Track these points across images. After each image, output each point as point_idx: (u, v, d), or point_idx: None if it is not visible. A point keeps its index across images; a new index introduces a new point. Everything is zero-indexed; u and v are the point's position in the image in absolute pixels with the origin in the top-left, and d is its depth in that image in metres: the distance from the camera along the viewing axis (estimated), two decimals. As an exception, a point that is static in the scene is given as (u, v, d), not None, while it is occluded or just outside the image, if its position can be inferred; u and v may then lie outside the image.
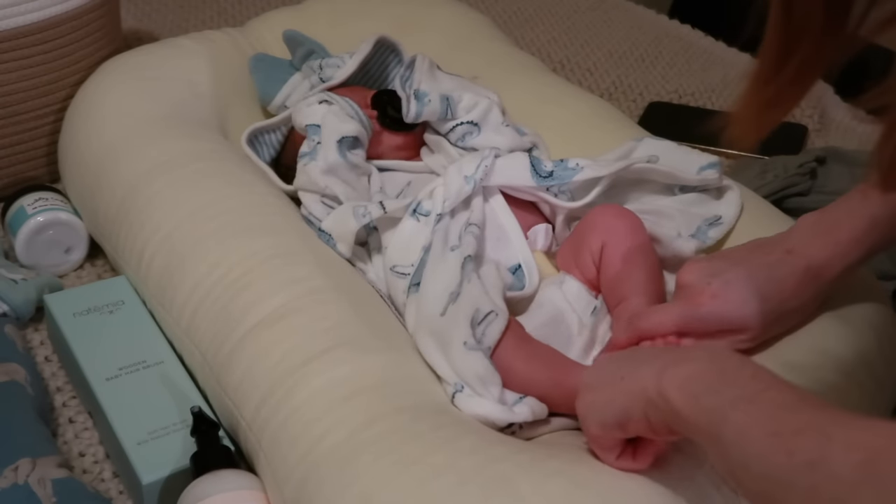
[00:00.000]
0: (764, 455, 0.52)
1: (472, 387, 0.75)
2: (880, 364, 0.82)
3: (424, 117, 0.99)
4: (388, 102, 1.01)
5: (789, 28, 0.52)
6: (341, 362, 0.76)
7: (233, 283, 0.84)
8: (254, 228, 0.89)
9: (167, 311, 0.89)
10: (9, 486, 0.73)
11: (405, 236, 0.87)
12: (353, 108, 0.96)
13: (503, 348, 0.77)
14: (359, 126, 0.94)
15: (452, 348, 0.76)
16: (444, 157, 0.99)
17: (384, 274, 0.88)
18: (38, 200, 1.04)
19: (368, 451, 0.69)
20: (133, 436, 0.80)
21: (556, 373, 0.76)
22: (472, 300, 0.78)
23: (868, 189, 0.77)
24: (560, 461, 0.68)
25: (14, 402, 0.83)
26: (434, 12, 1.24)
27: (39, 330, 0.98)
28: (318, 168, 0.92)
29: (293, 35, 1.11)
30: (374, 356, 0.77)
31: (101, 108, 1.05)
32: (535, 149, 1.01)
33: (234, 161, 0.99)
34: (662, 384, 0.60)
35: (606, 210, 0.86)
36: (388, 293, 0.87)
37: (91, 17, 1.13)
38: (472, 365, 0.75)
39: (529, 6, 1.62)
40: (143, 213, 0.94)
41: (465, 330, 0.76)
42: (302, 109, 0.97)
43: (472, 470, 0.67)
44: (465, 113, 1.00)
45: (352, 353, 0.77)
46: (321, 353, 0.77)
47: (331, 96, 0.97)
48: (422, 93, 0.99)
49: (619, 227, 0.84)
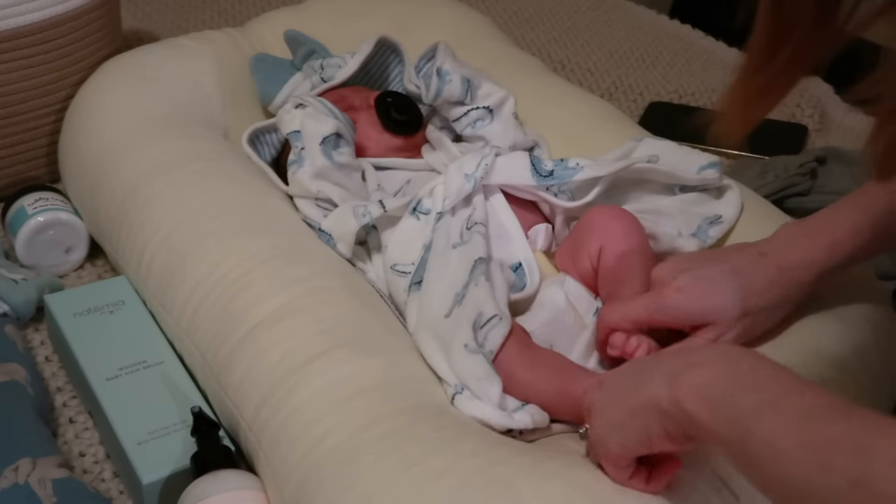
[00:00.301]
0: (798, 471, 0.50)
1: (472, 389, 0.75)
2: (877, 362, 0.82)
3: (444, 96, 0.99)
4: (392, 105, 1.01)
5: (779, 20, 0.51)
6: (342, 363, 0.76)
7: (233, 283, 0.84)
8: (254, 229, 0.89)
9: (167, 312, 0.89)
10: (9, 486, 0.73)
11: (406, 235, 0.87)
12: (327, 106, 0.95)
13: (506, 354, 0.77)
14: (336, 122, 0.94)
15: (453, 350, 0.76)
16: (444, 155, 0.99)
17: (384, 273, 0.88)
18: (38, 200, 1.04)
19: (369, 452, 0.69)
20: (133, 436, 0.80)
21: (561, 381, 0.76)
22: (476, 303, 0.77)
23: (852, 199, 0.78)
24: (560, 464, 0.68)
25: (14, 402, 0.83)
26: (434, 12, 1.24)
27: (40, 330, 0.98)
28: (307, 174, 0.92)
29: (294, 35, 1.11)
30: (374, 357, 0.77)
31: (102, 108, 1.05)
32: (537, 147, 1.01)
33: (234, 161, 0.99)
34: (676, 394, 0.57)
35: (604, 212, 0.86)
36: (388, 293, 0.87)
37: (91, 17, 1.13)
38: (471, 368, 0.75)
39: (530, 6, 1.62)
40: (143, 213, 0.94)
41: (466, 332, 0.76)
42: (282, 118, 0.97)
43: (472, 472, 0.67)
44: (483, 99, 1.00)
45: (352, 354, 0.77)
46: (321, 354, 0.77)
47: (304, 99, 0.96)
48: (444, 71, 0.99)
49: (617, 228, 0.84)
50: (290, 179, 0.94)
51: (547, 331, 0.82)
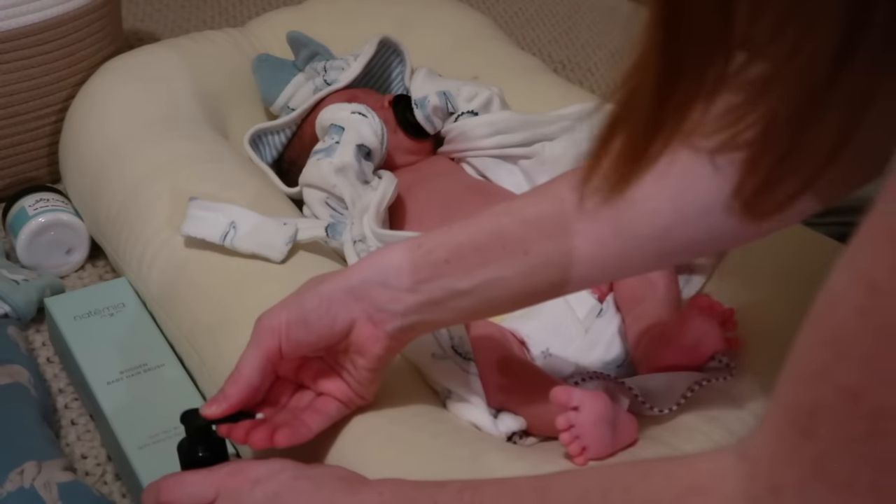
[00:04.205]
0: None
1: (457, 393, 0.75)
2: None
3: (433, 116, 1.01)
4: (408, 107, 1.02)
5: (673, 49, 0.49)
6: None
7: (234, 287, 0.84)
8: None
9: (167, 315, 0.89)
10: (15, 489, 0.73)
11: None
12: (382, 128, 0.96)
13: (478, 359, 0.76)
14: (378, 144, 0.95)
15: (423, 362, 0.76)
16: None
17: None
18: (39, 201, 1.04)
19: (367, 461, 0.69)
20: (135, 440, 0.80)
21: (529, 396, 0.74)
22: None
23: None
24: (558, 468, 0.68)
25: (18, 404, 0.83)
26: (435, 12, 1.24)
27: (41, 331, 0.98)
28: (333, 165, 0.92)
29: (297, 36, 1.11)
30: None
31: (103, 108, 1.05)
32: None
33: (235, 162, 0.99)
34: None
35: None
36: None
37: (92, 17, 1.13)
38: (445, 374, 0.75)
39: (530, 6, 1.62)
40: (143, 215, 0.94)
41: (428, 339, 0.76)
42: (334, 109, 0.98)
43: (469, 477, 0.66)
44: (466, 103, 1.01)
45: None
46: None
47: (367, 110, 0.97)
48: (417, 101, 1.02)
49: None
50: (310, 164, 0.94)
51: (546, 333, 0.82)
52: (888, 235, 0.39)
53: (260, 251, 0.85)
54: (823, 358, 0.41)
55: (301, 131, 1.05)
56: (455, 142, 1.01)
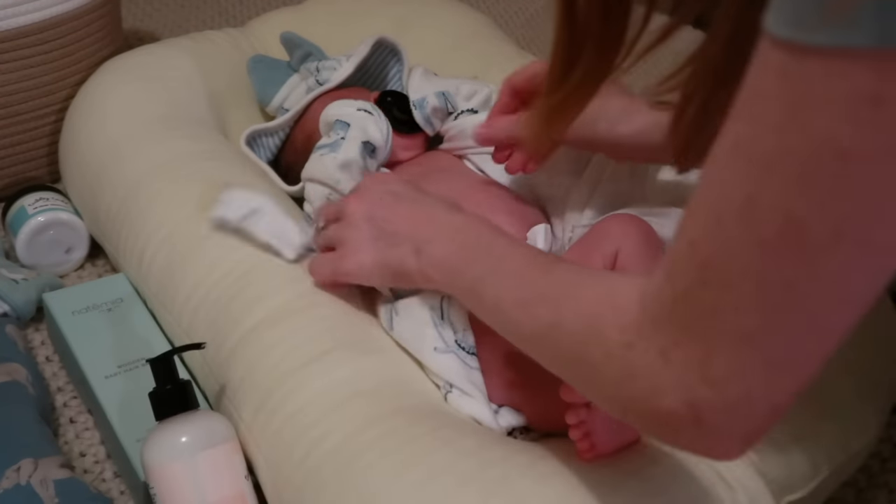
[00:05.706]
0: (516, 321, 0.63)
1: (458, 387, 0.75)
2: (876, 362, 0.82)
3: (433, 117, 1.01)
4: (394, 104, 1.01)
5: (572, 39, 0.63)
6: (341, 364, 0.76)
7: (233, 283, 0.84)
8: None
9: (168, 311, 0.89)
10: (11, 486, 0.73)
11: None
12: (388, 126, 0.96)
13: (482, 354, 0.77)
14: (383, 142, 0.95)
15: (424, 356, 0.77)
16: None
17: None
18: (38, 200, 1.04)
19: (368, 453, 0.69)
20: (132, 434, 0.80)
21: (534, 392, 0.75)
22: (423, 300, 0.78)
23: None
24: (559, 462, 0.68)
25: (16, 402, 0.83)
26: (434, 12, 1.24)
27: (40, 330, 0.98)
28: (337, 160, 0.92)
29: (290, 37, 1.11)
30: (373, 357, 0.77)
31: (102, 108, 1.06)
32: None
33: (234, 161, 0.99)
34: (422, 266, 0.72)
35: (621, 218, 0.86)
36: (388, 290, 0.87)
37: (92, 17, 1.13)
38: (446, 368, 0.75)
39: (530, 6, 1.62)
40: (143, 213, 0.94)
41: (430, 333, 0.76)
42: (339, 104, 0.97)
43: (471, 472, 0.67)
44: (466, 101, 1.01)
45: (351, 355, 0.77)
46: (321, 355, 0.77)
47: (373, 108, 0.97)
48: (416, 101, 1.01)
49: (634, 233, 0.84)
50: (313, 160, 0.94)
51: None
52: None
53: (275, 243, 0.85)
54: (686, 215, 0.49)
55: (294, 132, 1.05)
56: (455, 140, 1.01)
